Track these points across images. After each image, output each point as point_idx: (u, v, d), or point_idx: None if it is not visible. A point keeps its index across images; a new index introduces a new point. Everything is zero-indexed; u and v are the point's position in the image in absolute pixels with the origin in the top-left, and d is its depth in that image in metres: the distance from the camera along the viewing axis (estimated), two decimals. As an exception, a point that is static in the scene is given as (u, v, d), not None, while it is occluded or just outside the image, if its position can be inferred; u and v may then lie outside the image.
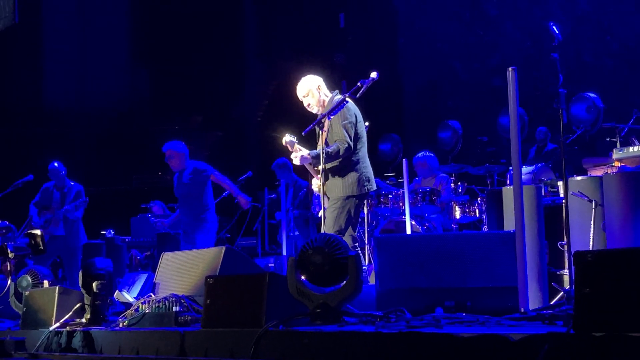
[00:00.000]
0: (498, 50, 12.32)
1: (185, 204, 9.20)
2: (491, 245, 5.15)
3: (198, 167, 9.21)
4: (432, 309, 4.90)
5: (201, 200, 9.10)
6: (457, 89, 12.85)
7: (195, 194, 9.10)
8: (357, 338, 3.87)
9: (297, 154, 6.56)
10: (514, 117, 5.03)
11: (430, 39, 13.23)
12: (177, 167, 9.24)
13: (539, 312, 4.46)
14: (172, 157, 9.24)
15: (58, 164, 10.46)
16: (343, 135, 6.43)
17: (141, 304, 5.46)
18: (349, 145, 6.44)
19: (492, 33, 12.66)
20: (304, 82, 6.75)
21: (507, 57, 11.63)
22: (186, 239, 9.19)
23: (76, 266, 9.95)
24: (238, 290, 4.69)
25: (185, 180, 9.16)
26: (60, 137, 17.82)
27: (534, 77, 10.52)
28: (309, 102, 6.71)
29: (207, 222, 9.09)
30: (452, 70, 13.06)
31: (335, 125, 6.48)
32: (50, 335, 5.60)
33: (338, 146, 6.41)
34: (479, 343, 3.44)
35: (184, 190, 9.16)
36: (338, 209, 6.48)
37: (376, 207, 8.80)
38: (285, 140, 6.64)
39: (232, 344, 4.40)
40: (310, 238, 4.62)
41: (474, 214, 8.65)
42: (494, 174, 9.41)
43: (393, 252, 5.33)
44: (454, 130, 11.17)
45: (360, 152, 6.61)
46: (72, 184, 10.46)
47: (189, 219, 9.15)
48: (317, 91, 6.69)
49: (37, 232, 5.51)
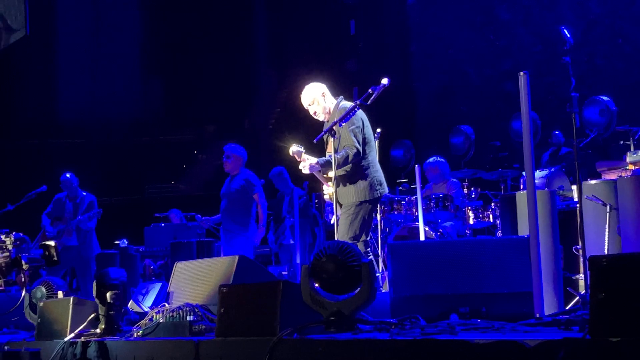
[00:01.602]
0: (510, 55, 12.29)
1: (229, 209, 9.20)
2: (505, 251, 5.12)
3: (250, 180, 9.22)
4: (446, 316, 4.87)
5: (245, 209, 9.12)
6: (469, 94, 12.82)
7: (240, 202, 9.13)
8: (372, 345, 3.85)
9: (305, 163, 6.55)
10: (526, 122, 5.01)
11: (441, 45, 13.22)
12: (232, 169, 9.25)
13: (555, 317, 4.42)
14: (230, 158, 9.23)
15: (70, 175, 10.49)
16: (351, 140, 6.42)
17: (155, 314, 5.46)
18: (357, 151, 6.43)
19: (504, 38, 12.63)
20: (308, 90, 6.74)
21: (519, 61, 11.60)
22: (224, 246, 9.23)
23: (89, 276, 9.98)
24: (252, 299, 4.68)
25: (235, 186, 9.16)
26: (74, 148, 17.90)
27: (547, 81, 10.49)
28: (314, 110, 6.71)
29: (247, 230, 9.10)
30: (464, 75, 13.04)
31: (343, 131, 6.47)
32: (65, 346, 5.60)
33: (347, 152, 6.40)
34: (495, 349, 3.41)
35: (231, 196, 9.17)
36: (352, 215, 6.47)
37: (389, 213, 8.79)
38: (292, 150, 6.62)
39: (246, 352, 4.39)
40: (324, 245, 4.60)
41: (487, 220, 8.63)
42: (507, 179, 9.37)
43: (407, 259, 5.31)
44: (467, 136, 11.15)
45: (370, 157, 6.60)
46: (84, 194, 10.49)
47: (230, 225, 9.18)
48: (322, 98, 6.69)
49: (51, 244, 5.53)
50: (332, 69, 12.96)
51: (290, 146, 6.63)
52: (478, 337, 3.66)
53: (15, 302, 5.79)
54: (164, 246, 11.66)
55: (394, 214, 8.80)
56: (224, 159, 9.26)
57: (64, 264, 9.99)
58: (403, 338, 3.82)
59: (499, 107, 11.51)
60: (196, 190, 17.66)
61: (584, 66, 10.43)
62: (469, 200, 8.90)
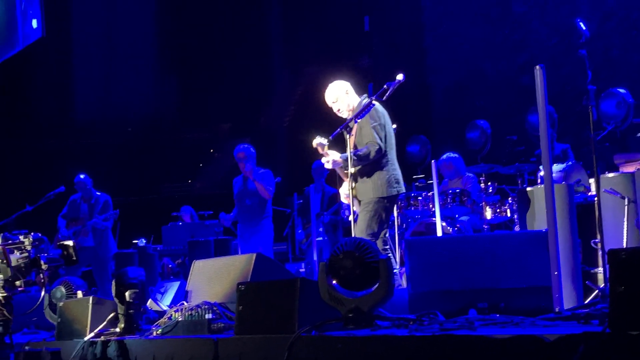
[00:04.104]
0: (525, 48, 12.23)
1: (247, 209, 9.23)
2: (524, 245, 5.12)
3: (265, 176, 9.24)
4: (465, 311, 4.87)
5: (263, 207, 9.15)
6: (485, 89, 12.76)
7: (258, 201, 9.15)
8: (391, 342, 3.85)
9: (329, 157, 6.58)
10: (543, 115, 4.99)
11: (456, 39, 13.17)
12: (248, 170, 9.24)
13: (574, 311, 4.41)
14: (244, 159, 9.24)
15: (84, 176, 10.52)
16: (373, 137, 6.44)
17: (174, 312, 5.48)
18: (379, 147, 6.45)
19: (519, 31, 12.57)
20: (332, 88, 6.78)
21: (534, 55, 11.54)
22: (243, 245, 9.23)
23: (107, 276, 10.02)
24: (270, 297, 4.69)
25: (252, 185, 9.19)
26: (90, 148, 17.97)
27: (563, 74, 10.43)
28: (338, 108, 6.74)
29: (265, 228, 9.11)
30: (479, 69, 12.98)
31: (365, 127, 6.49)
32: (85, 345, 5.63)
33: (369, 148, 6.43)
34: (514, 344, 3.40)
35: (249, 196, 9.20)
36: (370, 212, 6.48)
37: (406, 209, 8.77)
38: (315, 142, 6.64)
39: (265, 350, 4.39)
40: (341, 242, 4.60)
41: (505, 214, 8.59)
42: (524, 173, 9.32)
43: (424, 255, 5.31)
44: (483, 130, 11.10)
45: (390, 155, 6.61)
46: (98, 195, 10.52)
47: (247, 224, 9.20)
48: (346, 96, 6.72)
49: (70, 243, 5.55)
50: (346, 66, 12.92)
51: (314, 138, 6.64)
52: (497, 332, 3.66)
53: (35, 303, 5.82)
54: (182, 245, 11.70)
55: (410, 209, 8.79)
56: (238, 160, 9.25)
57: (80, 264, 10.04)
58: (422, 334, 3.81)
59: (515, 101, 11.45)
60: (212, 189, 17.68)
61: (600, 58, 10.35)
62: (486, 195, 8.86)
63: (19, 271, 5.33)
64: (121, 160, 17.68)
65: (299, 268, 10.69)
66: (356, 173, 6.51)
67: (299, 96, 16.97)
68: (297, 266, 10.78)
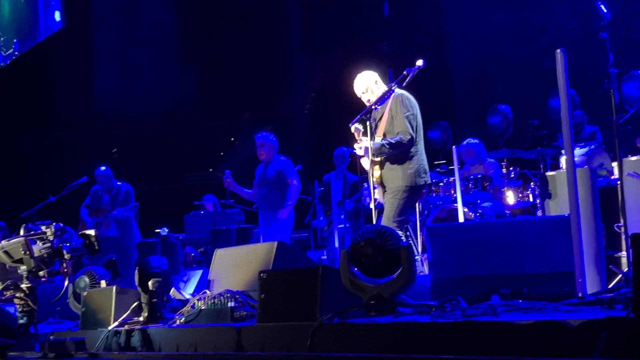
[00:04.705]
0: (546, 32, 12.14)
1: (267, 195, 9.20)
2: (546, 230, 5.08)
3: (285, 165, 9.22)
4: (487, 297, 4.85)
5: (282, 194, 9.13)
6: (506, 73, 12.68)
7: (277, 188, 9.13)
8: (413, 328, 3.85)
9: (362, 144, 6.59)
10: (564, 99, 4.95)
11: (477, 24, 13.08)
12: (267, 158, 9.24)
13: (597, 296, 4.39)
14: (264, 146, 9.22)
15: (105, 168, 10.54)
16: (406, 126, 6.47)
17: (197, 301, 5.50)
18: (411, 137, 6.49)
19: (540, 15, 12.47)
20: (361, 78, 6.80)
21: (556, 38, 11.45)
22: (264, 232, 9.21)
23: (131, 265, 10.06)
24: (292, 284, 4.70)
25: (271, 172, 9.17)
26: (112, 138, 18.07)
27: (584, 57, 10.34)
28: (368, 98, 6.75)
29: (286, 217, 9.11)
30: (500, 54, 12.89)
31: (398, 116, 6.52)
32: (110, 334, 5.68)
33: (401, 137, 6.47)
34: (537, 330, 3.39)
35: (268, 183, 9.17)
36: (399, 199, 6.52)
37: (427, 195, 8.73)
38: (355, 127, 6.63)
39: (288, 338, 4.41)
40: (362, 230, 4.60)
41: (527, 199, 8.54)
42: (546, 158, 9.26)
43: (446, 241, 5.29)
44: (504, 115, 11.02)
45: (419, 145, 6.66)
46: (119, 185, 10.54)
47: (268, 213, 9.16)
48: (375, 86, 6.75)
49: (91, 232, 5.58)
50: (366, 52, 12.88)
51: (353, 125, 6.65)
52: (520, 318, 3.64)
53: (59, 292, 5.87)
54: (204, 233, 11.73)
55: (432, 196, 8.76)
56: (257, 148, 9.26)
57: (104, 254, 10.09)
58: (444, 320, 3.81)
59: (537, 84, 11.36)
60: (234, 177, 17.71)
61: (621, 41, 10.26)
62: (508, 180, 8.81)
63: (42, 261, 5.37)
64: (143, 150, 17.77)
65: (321, 255, 10.68)
66: (384, 160, 6.54)
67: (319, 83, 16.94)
68: (319, 254, 10.77)
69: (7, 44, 15.72)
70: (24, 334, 5.43)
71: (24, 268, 5.36)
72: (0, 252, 5.43)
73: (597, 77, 9.47)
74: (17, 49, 15.50)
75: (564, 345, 3.27)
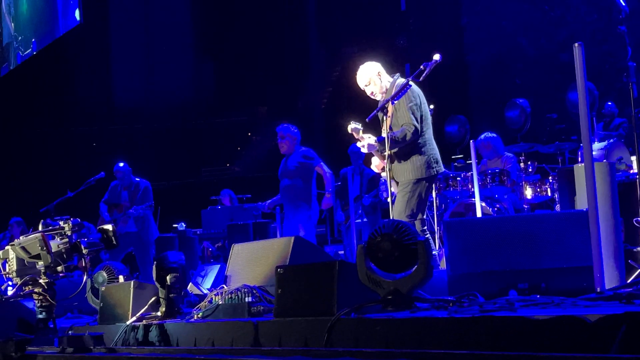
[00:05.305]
0: (565, 25, 12.08)
1: (290, 188, 9.01)
2: (564, 225, 5.05)
3: (307, 154, 9.06)
4: (505, 292, 4.83)
5: (305, 185, 8.98)
6: (524, 66, 12.64)
7: (300, 180, 8.96)
8: (430, 323, 3.84)
9: (364, 142, 6.53)
10: (582, 94, 4.91)
11: (494, 17, 13.03)
12: (287, 150, 9.08)
13: (616, 291, 4.36)
14: (285, 138, 9.06)
15: (123, 164, 10.57)
16: (409, 118, 6.39)
17: (214, 296, 5.52)
18: (416, 129, 6.39)
19: (559, 8, 12.40)
20: (363, 70, 6.71)
21: (574, 31, 11.40)
22: (287, 225, 9.08)
23: (149, 260, 10.09)
24: (309, 279, 4.69)
25: (293, 164, 9.00)
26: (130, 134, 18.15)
27: (603, 50, 10.29)
28: (371, 90, 6.68)
29: (309, 209, 8.97)
30: (518, 47, 12.84)
31: (401, 108, 6.43)
32: (128, 329, 5.70)
33: (405, 130, 6.37)
34: (555, 325, 3.37)
35: (290, 175, 9.00)
36: (409, 193, 6.44)
37: (445, 190, 8.72)
38: (351, 127, 6.60)
39: (305, 332, 4.41)
40: (379, 225, 4.59)
41: (545, 194, 8.51)
42: (565, 152, 9.21)
43: (463, 236, 5.26)
44: (522, 109, 10.97)
45: (427, 135, 6.55)
46: (138, 181, 10.56)
47: (291, 205, 9.01)
48: (378, 78, 6.65)
49: (109, 227, 5.59)
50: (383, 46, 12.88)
51: (349, 124, 6.61)
52: (538, 313, 3.62)
53: (77, 287, 5.89)
54: (221, 228, 11.75)
55: (449, 190, 8.73)
56: (278, 140, 9.15)
57: (122, 249, 10.13)
58: (461, 315, 3.79)
59: (555, 78, 11.31)
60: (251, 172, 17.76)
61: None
62: (526, 175, 8.77)
63: (59, 257, 5.39)
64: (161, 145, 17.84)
65: (338, 250, 10.68)
66: (394, 155, 6.45)
67: (335, 77, 16.95)
68: (336, 248, 10.77)
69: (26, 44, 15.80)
70: (43, 328, 5.45)
71: (42, 263, 5.38)
72: (18, 248, 5.46)
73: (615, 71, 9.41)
74: (35, 49, 15.58)
75: (582, 340, 3.25)
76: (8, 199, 15.85)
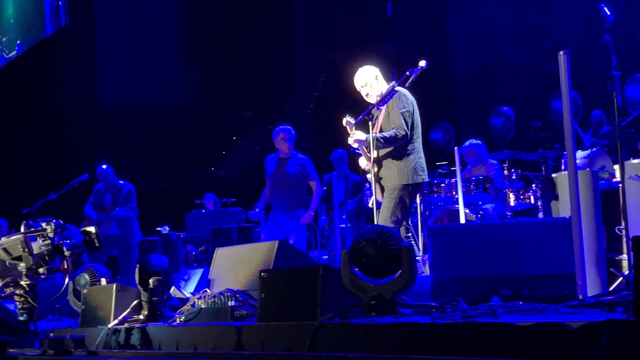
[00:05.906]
0: (550, 34, 12.13)
1: (287, 192, 8.76)
2: (547, 232, 5.07)
3: (306, 164, 8.86)
4: (488, 298, 4.84)
5: (303, 193, 8.87)
6: (509, 75, 12.69)
7: (298, 186, 8.80)
8: (413, 329, 3.84)
9: (355, 136, 6.56)
10: (566, 102, 4.94)
11: (480, 25, 13.09)
12: (288, 152, 8.86)
13: (598, 299, 4.38)
14: (285, 140, 8.81)
15: (106, 167, 10.51)
16: (401, 122, 6.44)
17: (197, 300, 5.50)
18: (406, 133, 6.45)
19: (544, 16, 12.47)
20: (361, 72, 6.77)
21: (559, 40, 11.45)
22: (277, 229, 8.74)
23: (132, 263, 10.04)
24: (292, 284, 4.69)
25: (293, 170, 8.78)
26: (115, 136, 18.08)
27: (587, 59, 10.33)
28: (367, 92, 6.73)
29: (305, 213, 8.76)
30: (503, 55, 12.90)
31: (393, 112, 6.49)
32: (109, 332, 5.67)
33: (395, 132, 6.43)
34: (537, 332, 3.38)
35: (290, 179, 8.76)
36: (395, 199, 6.47)
37: (429, 196, 8.73)
38: (345, 120, 6.62)
39: (288, 337, 4.40)
40: (363, 230, 4.60)
41: (528, 201, 8.54)
42: (548, 160, 9.26)
43: (447, 242, 5.28)
44: (506, 117, 11.03)
45: (416, 143, 6.61)
46: (121, 184, 10.51)
47: (283, 210, 8.76)
48: (375, 81, 6.72)
49: (92, 229, 5.57)
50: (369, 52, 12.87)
51: (344, 117, 6.62)
52: (520, 320, 3.64)
53: (59, 290, 5.86)
54: (205, 232, 11.72)
55: (433, 196, 8.75)
56: (286, 141, 8.83)
57: (105, 251, 10.08)
58: (444, 321, 3.80)
59: (539, 86, 11.37)
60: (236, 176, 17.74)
61: (624, 44, 10.24)
62: (509, 182, 8.81)
63: (41, 258, 5.36)
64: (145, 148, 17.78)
65: (322, 255, 10.68)
66: (381, 158, 6.50)
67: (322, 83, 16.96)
68: (320, 253, 10.76)
69: (10, 46, 15.72)
70: (24, 331, 5.42)
71: (24, 265, 5.35)
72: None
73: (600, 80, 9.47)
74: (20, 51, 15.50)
75: (564, 347, 3.27)
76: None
